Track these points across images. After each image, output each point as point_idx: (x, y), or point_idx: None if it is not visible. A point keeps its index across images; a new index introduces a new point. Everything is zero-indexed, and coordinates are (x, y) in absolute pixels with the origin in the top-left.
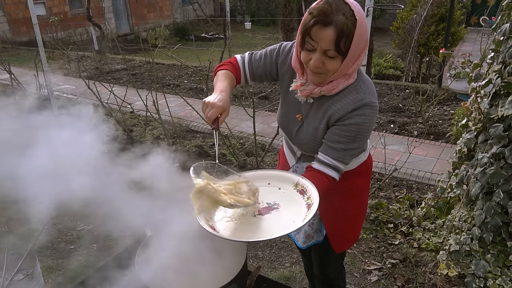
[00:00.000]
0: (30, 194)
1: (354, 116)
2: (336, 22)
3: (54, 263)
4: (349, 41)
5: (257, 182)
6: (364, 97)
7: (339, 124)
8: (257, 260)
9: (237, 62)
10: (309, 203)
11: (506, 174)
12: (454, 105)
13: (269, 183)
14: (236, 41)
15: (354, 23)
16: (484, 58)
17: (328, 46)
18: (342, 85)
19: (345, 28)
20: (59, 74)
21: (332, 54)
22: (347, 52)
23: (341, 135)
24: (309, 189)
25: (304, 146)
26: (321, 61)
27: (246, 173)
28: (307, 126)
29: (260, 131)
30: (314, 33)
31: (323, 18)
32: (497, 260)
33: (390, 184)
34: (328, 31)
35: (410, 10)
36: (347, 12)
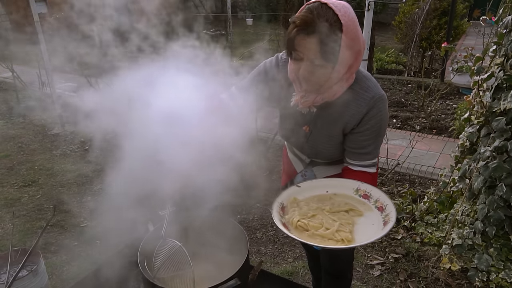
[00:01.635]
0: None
1: (372, 118)
2: (318, 30)
3: (58, 259)
4: (337, 47)
5: (316, 190)
6: (374, 94)
7: (361, 131)
8: (260, 255)
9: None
10: (379, 206)
11: (508, 168)
12: (457, 99)
13: (327, 191)
14: (237, 37)
15: (340, 28)
16: (486, 51)
17: (314, 55)
18: (343, 88)
19: (329, 35)
20: (62, 71)
21: (319, 62)
22: (336, 59)
23: (367, 139)
24: (374, 193)
25: (317, 153)
26: (309, 70)
27: (304, 184)
28: (318, 135)
29: (262, 127)
30: (298, 44)
31: (305, 27)
32: (500, 254)
33: (393, 179)
34: (312, 40)
35: (412, 4)
36: (330, 18)
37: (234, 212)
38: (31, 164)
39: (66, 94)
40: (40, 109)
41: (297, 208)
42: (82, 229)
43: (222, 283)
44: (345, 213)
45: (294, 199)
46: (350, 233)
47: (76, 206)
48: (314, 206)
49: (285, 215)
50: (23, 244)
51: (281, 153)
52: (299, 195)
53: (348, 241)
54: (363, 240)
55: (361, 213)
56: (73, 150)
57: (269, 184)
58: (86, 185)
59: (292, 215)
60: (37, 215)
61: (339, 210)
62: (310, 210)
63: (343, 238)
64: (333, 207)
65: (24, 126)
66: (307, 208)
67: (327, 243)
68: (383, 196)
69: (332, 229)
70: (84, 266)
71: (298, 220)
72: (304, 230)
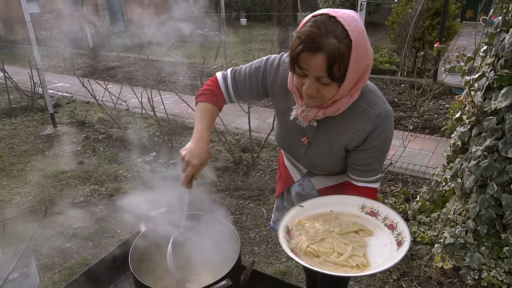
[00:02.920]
0: None
1: (378, 135)
2: (326, 47)
3: (50, 261)
4: (345, 65)
5: (319, 209)
6: (380, 111)
7: (366, 148)
8: (253, 255)
9: (218, 86)
10: (388, 224)
11: (499, 167)
12: (449, 99)
13: (331, 210)
14: (231, 38)
15: (349, 45)
16: (478, 51)
17: (320, 73)
18: (347, 103)
19: (337, 53)
20: (54, 72)
21: (326, 81)
22: (343, 77)
23: (372, 156)
24: (382, 209)
25: (315, 166)
26: (315, 87)
27: (307, 203)
28: (317, 148)
29: (256, 127)
30: (303, 61)
31: (311, 44)
32: (492, 252)
33: (386, 178)
34: (318, 58)
35: (405, 4)
36: (339, 34)
37: (227, 212)
38: (23, 165)
39: (58, 94)
40: (32, 109)
41: (304, 231)
42: (74, 231)
43: (214, 283)
44: (355, 234)
45: (299, 221)
46: (364, 256)
47: (68, 207)
48: (321, 229)
49: (291, 239)
50: (14, 246)
51: (275, 153)
52: (302, 216)
53: (363, 266)
54: (379, 263)
55: (371, 232)
56: (65, 151)
57: (263, 184)
58: (78, 186)
59: (300, 240)
60: (29, 217)
61: (348, 231)
62: (318, 233)
63: (358, 264)
64: (342, 229)
65: (16, 126)
66: (314, 231)
67: (341, 270)
68: (392, 213)
69: (345, 255)
70: (76, 267)
71: (307, 246)
72: (315, 256)
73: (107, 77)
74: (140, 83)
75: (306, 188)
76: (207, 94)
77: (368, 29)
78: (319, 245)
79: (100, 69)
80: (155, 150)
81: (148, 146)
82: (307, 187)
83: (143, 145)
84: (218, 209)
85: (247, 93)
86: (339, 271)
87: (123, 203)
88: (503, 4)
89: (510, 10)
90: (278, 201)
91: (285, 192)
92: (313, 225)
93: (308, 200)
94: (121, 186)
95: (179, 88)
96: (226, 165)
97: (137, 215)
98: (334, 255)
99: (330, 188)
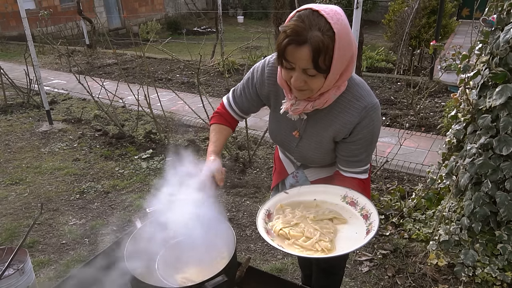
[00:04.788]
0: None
1: (364, 128)
2: (310, 40)
3: (45, 258)
4: (329, 57)
5: (303, 197)
6: (366, 103)
7: (353, 140)
8: (249, 252)
9: (225, 108)
10: (364, 214)
11: (494, 164)
12: (445, 97)
13: (315, 198)
14: (228, 35)
15: (332, 37)
16: (473, 49)
17: (306, 65)
18: (334, 95)
19: (322, 45)
20: (50, 68)
21: (312, 72)
22: (328, 68)
23: (359, 148)
24: (361, 200)
25: (307, 159)
26: (302, 79)
27: (292, 190)
28: (307, 141)
29: (252, 124)
30: (289, 54)
31: (296, 37)
32: (486, 249)
33: (382, 176)
34: (303, 50)
35: (401, 2)
36: (322, 26)
37: (223, 209)
38: (18, 162)
39: (54, 91)
40: (27, 106)
41: (282, 216)
42: (70, 227)
43: (209, 279)
44: (328, 221)
45: (280, 206)
46: (331, 242)
47: (64, 204)
48: (298, 214)
49: (269, 221)
50: (10, 243)
51: (271, 151)
52: (286, 202)
53: (328, 251)
54: (345, 248)
55: (345, 220)
56: (61, 148)
57: (259, 182)
58: (74, 183)
59: (276, 222)
60: (24, 213)
61: (323, 218)
62: (294, 218)
63: (323, 248)
64: (317, 215)
65: (12, 123)
66: (291, 216)
67: (306, 253)
68: (368, 204)
69: (312, 240)
70: (72, 264)
71: (280, 228)
72: (286, 239)
73: (103, 74)
74: (137, 80)
75: (300, 179)
76: (216, 116)
77: (365, 27)
78: (291, 229)
79: (96, 66)
80: (152, 147)
81: (145, 143)
82: (301, 179)
83: (139, 142)
84: (214, 206)
85: (247, 105)
86: (304, 253)
87: (119, 200)
88: (498, 2)
89: (505, 8)
90: (273, 194)
91: (280, 184)
92: (293, 210)
93: (294, 188)
94: (117, 183)
95: (175, 85)
96: (222, 162)
97: (133, 211)
98: (302, 239)
99: (323, 180)
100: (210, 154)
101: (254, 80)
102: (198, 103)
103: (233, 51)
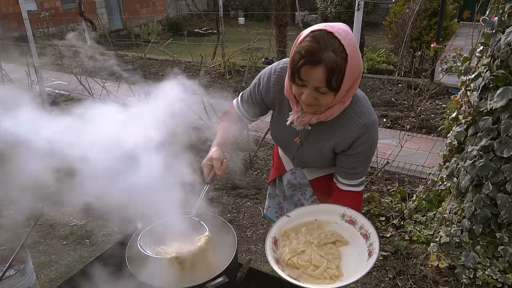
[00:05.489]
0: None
1: (363, 143)
2: (325, 60)
3: (46, 258)
4: (341, 76)
5: (305, 218)
6: (366, 121)
7: (352, 154)
8: (250, 253)
9: (234, 110)
10: (363, 233)
11: (495, 167)
12: (446, 99)
13: (316, 218)
14: (229, 36)
15: (345, 58)
16: (474, 51)
17: (319, 84)
18: (339, 110)
19: (336, 66)
20: (51, 69)
21: (324, 90)
22: (339, 86)
23: (357, 161)
24: (359, 219)
25: (306, 164)
26: (313, 96)
27: (293, 213)
28: (308, 148)
29: (253, 126)
30: (304, 73)
31: (311, 57)
32: (486, 251)
33: (382, 177)
34: (318, 70)
35: (402, 4)
36: (336, 48)
37: (224, 210)
38: None
39: (55, 92)
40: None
41: (287, 242)
42: (71, 228)
43: (210, 280)
44: (332, 245)
45: (284, 231)
46: (337, 268)
47: (64, 205)
48: (302, 239)
49: (277, 249)
50: (11, 243)
51: (272, 152)
52: (289, 225)
53: (336, 277)
54: (350, 272)
55: (347, 242)
56: None
57: (260, 183)
58: (76, 183)
59: (283, 251)
60: (25, 214)
61: (326, 242)
62: (299, 244)
63: (331, 276)
64: (320, 240)
65: None
66: (296, 242)
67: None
68: (367, 224)
69: (320, 269)
70: (73, 265)
71: (289, 258)
72: (295, 268)
73: (104, 75)
74: (138, 81)
75: (298, 176)
76: (225, 115)
77: (366, 29)
78: (299, 257)
79: (97, 67)
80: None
81: None
82: (299, 176)
83: None
84: (215, 207)
85: (253, 109)
86: (314, 283)
87: (120, 201)
88: (499, 5)
89: (506, 11)
90: (270, 189)
91: (277, 180)
92: (297, 235)
93: (294, 210)
94: (119, 184)
95: None
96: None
97: (134, 212)
98: (310, 268)
99: (321, 179)
100: (213, 146)
101: (260, 86)
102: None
103: (234, 53)
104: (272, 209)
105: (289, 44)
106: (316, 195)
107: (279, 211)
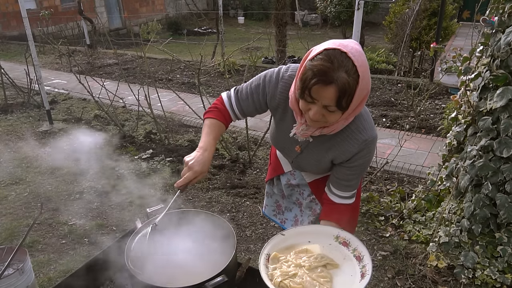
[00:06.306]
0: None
1: (361, 157)
2: (337, 81)
3: (45, 257)
4: (351, 97)
5: (298, 239)
6: (367, 137)
7: (349, 166)
8: (249, 253)
9: (224, 105)
10: (357, 255)
11: (494, 167)
12: (446, 99)
13: (309, 240)
14: (229, 36)
15: (357, 79)
16: (474, 51)
17: (329, 103)
18: (342, 125)
19: (347, 87)
20: (50, 68)
21: (333, 109)
22: (348, 106)
23: (353, 173)
24: (353, 241)
25: (304, 169)
26: (321, 113)
27: (288, 232)
28: (307, 157)
29: (253, 125)
30: (314, 91)
31: (323, 77)
32: (486, 251)
33: (382, 177)
34: (329, 90)
35: (402, 4)
36: (349, 69)
37: (223, 209)
38: (18, 161)
39: (55, 91)
40: (28, 106)
41: (278, 266)
42: (70, 227)
43: (210, 279)
44: (323, 268)
45: (275, 255)
46: None
47: (63, 204)
48: (294, 263)
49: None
50: (10, 242)
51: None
52: (283, 244)
53: None
54: None
55: (337, 265)
56: (61, 148)
57: (259, 183)
58: (74, 183)
59: (275, 274)
60: (24, 213)
61: (317, 265)
62: (290, 267)
63: None
64: (311, 264)
65: (12, 123)
66: (286, 266)
67: None
68: (360, 246)
69: None
70: (72, 264)
71: (281, 280)
72: None
73: (103, 74)
74: (137, 81)
75: (297, 178)
76: (214, 111)
77: (366, 28)
78: (291, 280)
79: (97, 66)
80: (152, 147)
81: (145, 144)
82: (298, 177)
83: (139, 142)
84: (214, 206)
85: (252, 109)
86: None
87: (118, 200)
88: (499, 5)
89: (506, 11)
90: (268, 187)
91: (274, 179)
92: (286, 259)
93: (289, 229)
94: (117, 183)
95: (176, 86)
96: (222, 163)
97: (133, 211)
98: None
99: (319, 181)
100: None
101: (266, 89)
102: (199, 103)
103: (234, 52)
104: (269, 207)
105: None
106: (315, 195)
107: (276, 210)
